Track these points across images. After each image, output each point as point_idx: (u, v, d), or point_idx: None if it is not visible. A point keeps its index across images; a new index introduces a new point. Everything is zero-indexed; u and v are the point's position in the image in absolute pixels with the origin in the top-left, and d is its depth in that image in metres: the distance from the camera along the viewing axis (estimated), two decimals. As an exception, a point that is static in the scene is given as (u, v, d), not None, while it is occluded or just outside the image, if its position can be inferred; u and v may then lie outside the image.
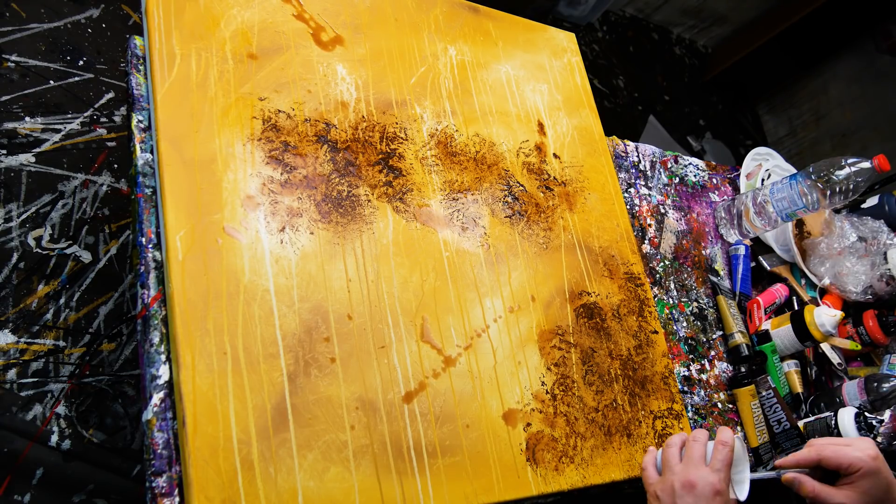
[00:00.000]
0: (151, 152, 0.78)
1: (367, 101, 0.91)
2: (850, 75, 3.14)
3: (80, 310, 1.27)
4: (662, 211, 1.25)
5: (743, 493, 0.67)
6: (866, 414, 1.01)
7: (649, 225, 1.21)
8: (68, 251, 1.29)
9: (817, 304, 1.29)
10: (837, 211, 1.49)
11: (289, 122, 0.83)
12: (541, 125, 1.08)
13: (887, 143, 2.93)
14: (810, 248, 1.37)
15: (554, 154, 1.08)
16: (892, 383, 1.10)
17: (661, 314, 1.12)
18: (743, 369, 1.16)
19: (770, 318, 1.23)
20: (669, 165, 1.34)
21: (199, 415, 0.64)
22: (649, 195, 1.25)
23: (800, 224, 1.41)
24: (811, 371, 1.24)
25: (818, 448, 0.67)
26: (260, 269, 0.73)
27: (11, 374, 1.17)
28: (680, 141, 2.97)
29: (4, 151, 1.29)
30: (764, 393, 1.09)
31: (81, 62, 1.46)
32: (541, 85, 1.12)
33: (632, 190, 1.23)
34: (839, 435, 1.01)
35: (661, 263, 1.19)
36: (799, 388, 1.17)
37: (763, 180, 1.39)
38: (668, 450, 0.70)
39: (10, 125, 1.32)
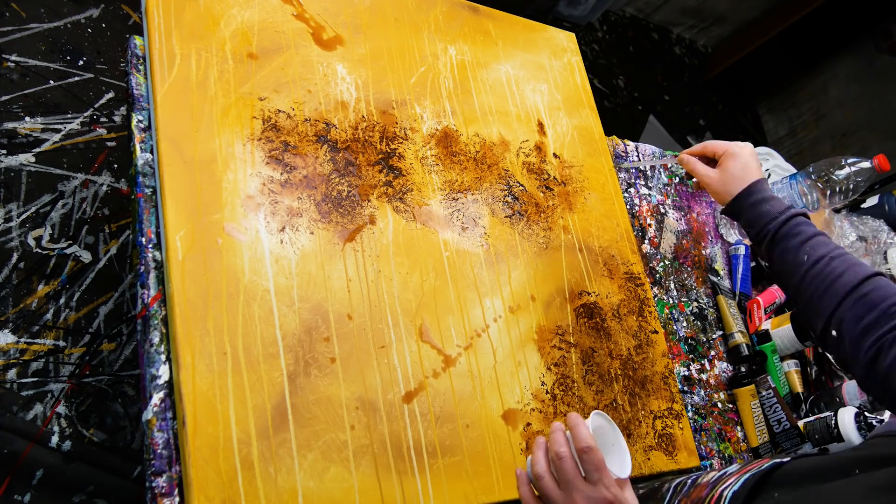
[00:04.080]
0: (151, 152, 0.78)
1: (367, 100, 0.91)
2: (850, 75, 3.14)
3: (80, 310, 1.27)
4: (662, 211, 1.25)
5: (623, 468, 0.61)
6: (866, 414, 1.01)
7: (649, 225, 1.21)
8: (68, 251, 1.29)
9: (817, 304, 1.28)
10: (837, 211, 1.49)
11: (289, 122, 0.83)
12: (541, 125, 1.08)
13: (887, 143, 2.93)
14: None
15: (554, 154, 1.08)
16: (892, 383, 1.10)
17: (661, 314, 1.12)
18: (743, 369, 1.16)
19: (770, 317, 1.23)
20: (669, 165, 1.34)
21: (199, 415, 0.64)
22: (649, 195, 1.25)
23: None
24: (811, 371, 1.24)
25: (706, 142, 0.90)
26: (260, 269, 0.73)
27: (11, 374, 1.17)
28: (680, 141, 2.97)
29: (4, 151, 1.29)
30: (764, 393, 1.09)
31: (81, 62, 1.46)
32: (541, 85, 1.12)
33: (632, 190, 1.23)
34: (839, 436, 1.01)
35: (661, 263, 1.19)
36: (799, 388, 1.17)
37: (763, 180, 1.39)
38: (539, 482, 0.61)
39: (10, 125, 1.32)
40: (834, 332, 0.67)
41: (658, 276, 1.17)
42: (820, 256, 0.71)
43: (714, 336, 1.19)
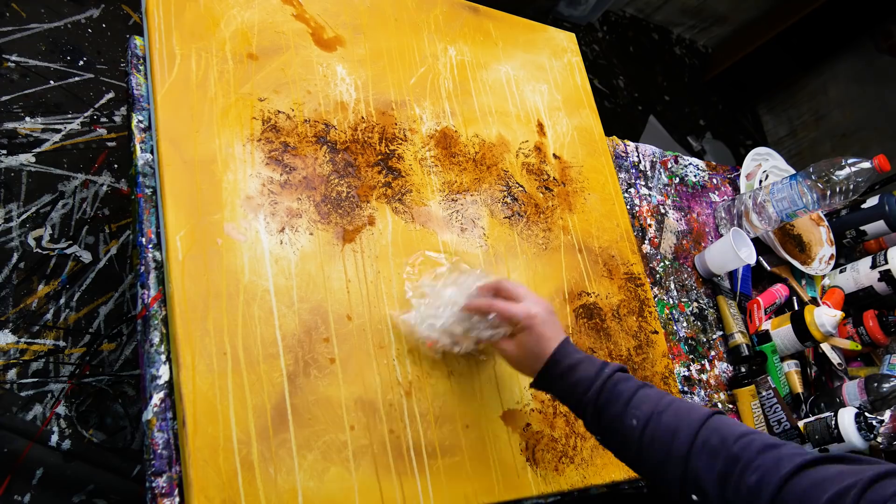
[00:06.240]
0: (151, 152, 0.78)
1: (367, 101, 0.91)
2: (850, 75, 3.14)
3: (81, 310, 1.27)
4: (662, 211, 1.25)
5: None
6: (866, 414, 1.01)
7: (649, 225, 1.21)
8: (68, 251, 1.29)
9: (817, 305, 1.29)
10: (830, 216, 1.49)
11: (288, 123, 0.83)
12: (540, 125, 1.08)
13: (887, 143, 2.93)
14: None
15: (554, 154, 1.08)
16: (892, 383, 1.10)
17: (661, 314, 1.12)
18: (743, 369, 1.16)
19: (770, 318, 1.23)
20: (669, 165, 1.34)
21: (199, 415, 0.64)
22: (649, 195, 1.25)
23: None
24: (811, 371, 1.24)
25: (499, 280, 0.79)
26: (260, 270, 0.73)
27: (11, 374, 1.17)
28: (680, 141, 2.97)
29: (4, 151, 1.29)
30: (764, 393, 1.09)
31: (81, 62, 1.46)
32: (541, 85, 1.12)
33: (632, 190, 1.23)
34: (839, 437, 1.01)
35: (661, 263, 1.19)
36: (799, 389, 1.17)
37: (760, 181, 1.39)
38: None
39: (10, 125, 1.32)
40: (695, 497, 0.60)
41: (658, 276, 1.17)
42: (648, 416, 0.63)
43: (714, 336, 1.19)
